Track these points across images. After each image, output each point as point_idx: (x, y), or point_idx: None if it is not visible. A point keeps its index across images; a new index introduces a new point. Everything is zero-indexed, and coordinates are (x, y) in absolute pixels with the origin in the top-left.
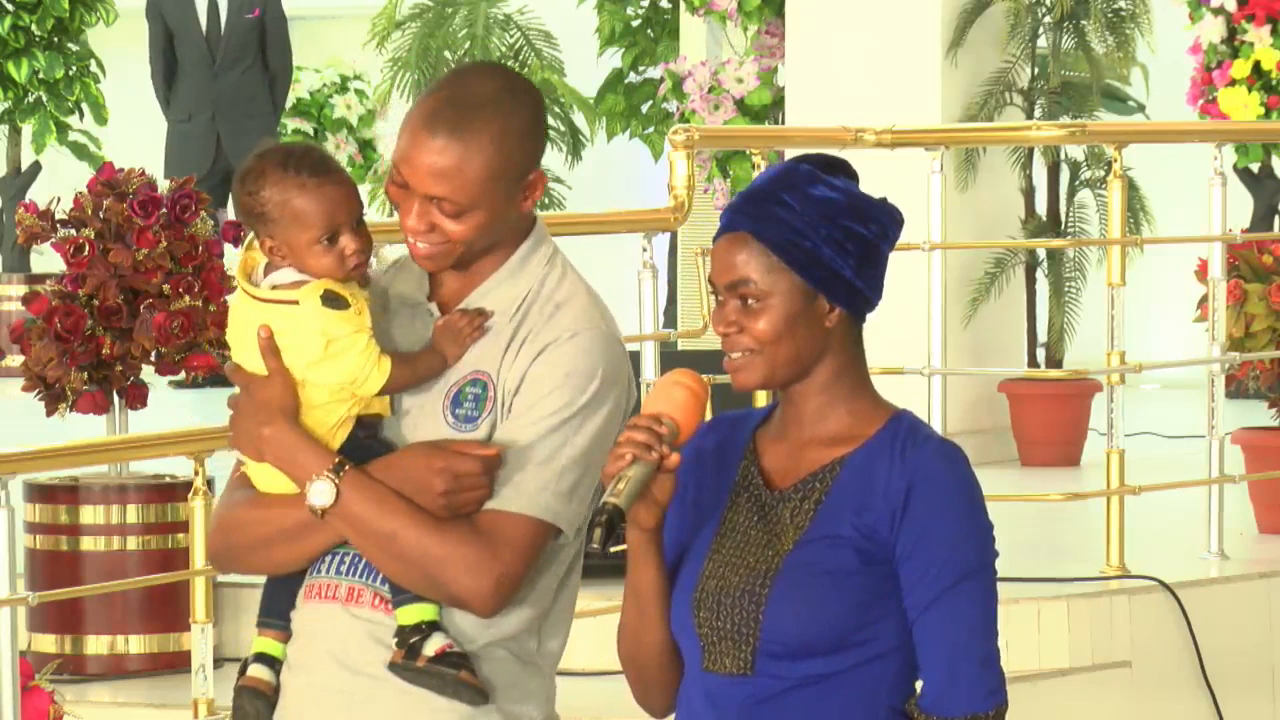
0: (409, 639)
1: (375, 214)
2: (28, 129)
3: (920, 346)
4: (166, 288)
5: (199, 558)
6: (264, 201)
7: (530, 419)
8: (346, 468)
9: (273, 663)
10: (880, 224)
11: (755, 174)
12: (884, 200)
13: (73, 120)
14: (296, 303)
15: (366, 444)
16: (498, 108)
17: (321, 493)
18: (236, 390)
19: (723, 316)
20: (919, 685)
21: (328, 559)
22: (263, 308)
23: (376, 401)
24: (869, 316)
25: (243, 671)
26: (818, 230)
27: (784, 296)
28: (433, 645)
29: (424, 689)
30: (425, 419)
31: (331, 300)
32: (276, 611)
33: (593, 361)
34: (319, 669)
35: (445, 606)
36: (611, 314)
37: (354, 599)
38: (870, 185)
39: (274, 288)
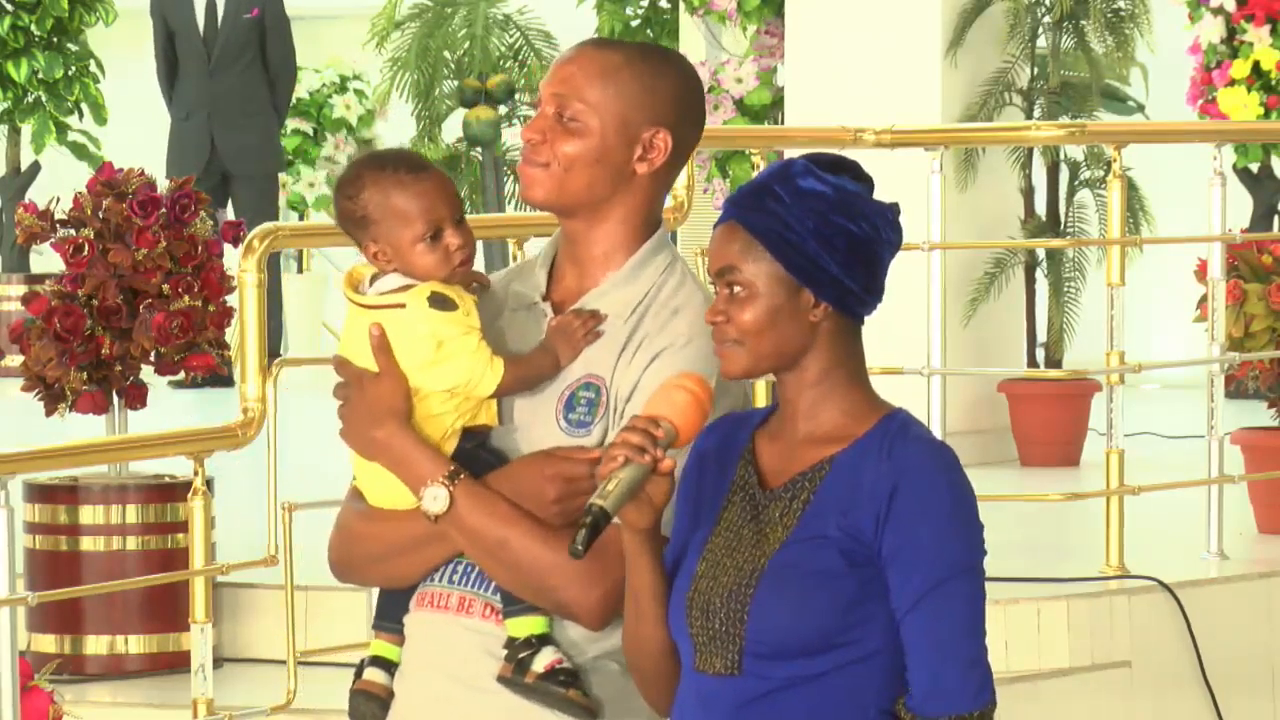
0: (518, 653)
1: None
2: (27, 129)
3: (920, 346)
4: (166, 288)
5: (199, 558)
6: (364, 204)
7: None
8: (461, 475)
9: (388, 666)
10: (871, 223)
11: (755, 174)
12: (887, 203)
13: (72, 120)
14: (403, 306)
15: (474, 454)
16: (644, 49)
17: (436, 499)
18: (340, 381)
19: (714, 306)
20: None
21: (442, 567)
22: (371, 315)
23: (484, 412)
24: (869, 317)
25: (359, 674)
26: (804, 223)
27: (768, 287)
28: (542, 661)
29: (532, 703)
30: (538, 424)
31: (439, 302)
32: (392, 615)
33: (705, 370)
34: (428, 678)
35: (555, 618)
36: None
37: (465, 609)
38: None
39: (381, 295)
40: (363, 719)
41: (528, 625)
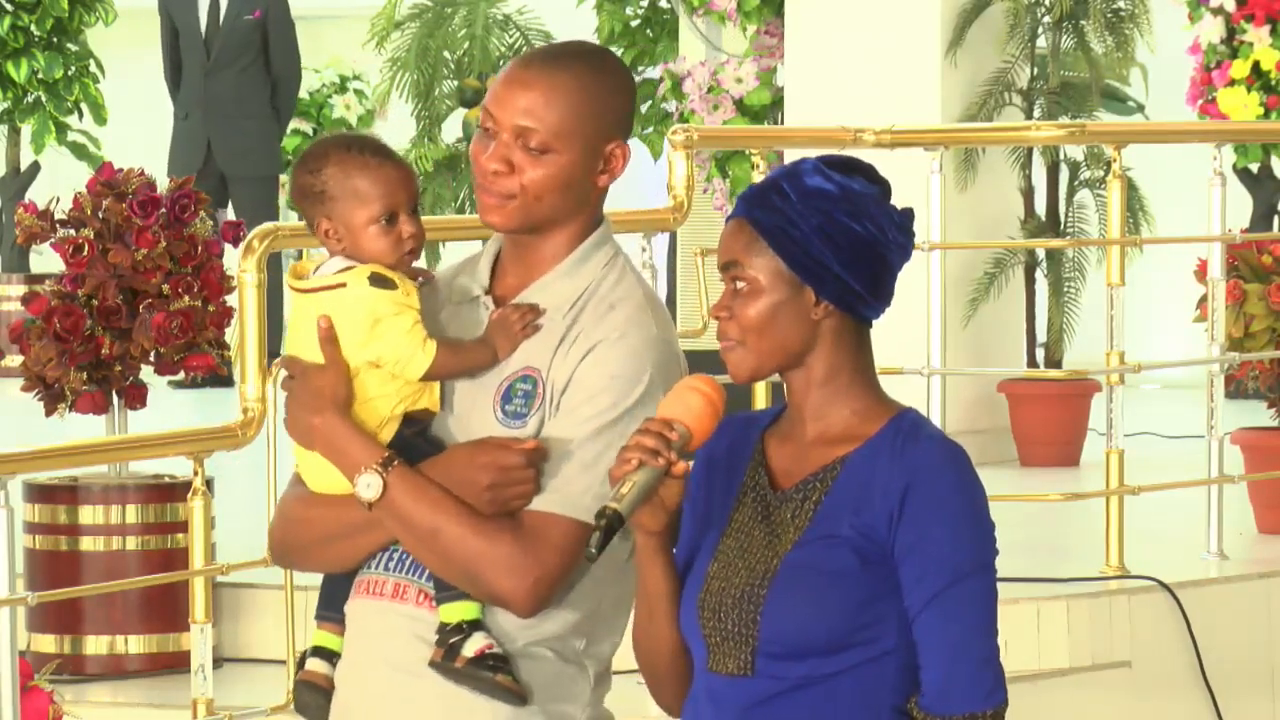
0: (449, 638)
1: None
2: (27, 129)
3: (920, 346)
4: (166, 288)
5: (198, 558)
6: (325, 180)
7: (575, 420)
8: (395, 462)
9: (330, 656)
10: (876, 223)
11: (755, 174)
12: (899, 208)
13: (72, 120)
14: (345, 285)
15: (413, 442)
16: (589, 61)
17: (369, 485)
18: (286, 376)
19: (719, 302)
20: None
21: (378, 555)
22: (314, 299)
23: (425, 398)
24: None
25: (301, 664)
26: (808, 220)
27: (771, 284)
28: (472, 646)
29: (463, 688)
30: (476, 414)
31: (379, 280)
32: (333, 605)
33: (640, 364)
34: (364, 664)
35: (486, 605)
36: (669, 318)
37: (399, 595)
38: None
39: (323, 277)
40: (306, 709)
41: (459, 611)
